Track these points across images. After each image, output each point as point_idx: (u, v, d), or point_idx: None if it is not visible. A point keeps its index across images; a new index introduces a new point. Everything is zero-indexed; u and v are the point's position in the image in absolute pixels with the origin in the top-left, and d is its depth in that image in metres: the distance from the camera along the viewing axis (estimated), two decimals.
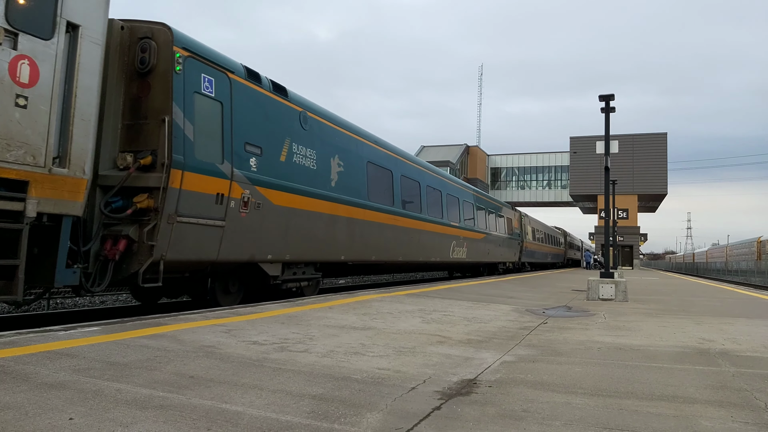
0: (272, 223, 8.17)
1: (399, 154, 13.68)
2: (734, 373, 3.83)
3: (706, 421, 2.68)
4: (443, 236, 16.30)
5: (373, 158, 11.99)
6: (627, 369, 3.88)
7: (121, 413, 2.50)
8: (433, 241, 15.48)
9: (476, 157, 62.74)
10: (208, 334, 4.65)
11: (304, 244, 9.11)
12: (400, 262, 13.54)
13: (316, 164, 9.55)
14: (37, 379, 3.01)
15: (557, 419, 2.66)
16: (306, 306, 7.12)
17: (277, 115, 8.56)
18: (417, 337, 5.05)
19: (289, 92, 9.05)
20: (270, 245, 8.22)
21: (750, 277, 37.90)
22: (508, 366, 3.90)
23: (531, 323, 6.44)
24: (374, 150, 12.18)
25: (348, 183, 10.59)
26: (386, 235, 12.25)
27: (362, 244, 11.07)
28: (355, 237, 10.73)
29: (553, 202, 67.25)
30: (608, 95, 12.02)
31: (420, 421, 2.56)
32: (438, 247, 15.90)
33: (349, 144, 10.95)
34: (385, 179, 12.49)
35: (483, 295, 10.31)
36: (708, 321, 7.01)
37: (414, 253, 14.10)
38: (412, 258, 14.01)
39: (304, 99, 9.62)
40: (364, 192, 11.26)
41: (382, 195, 12.17)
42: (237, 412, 2.60)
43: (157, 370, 3.34)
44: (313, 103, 9.95)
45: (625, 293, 10.14)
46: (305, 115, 9.39)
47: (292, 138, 8.87)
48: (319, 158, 9.64)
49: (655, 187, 52.38)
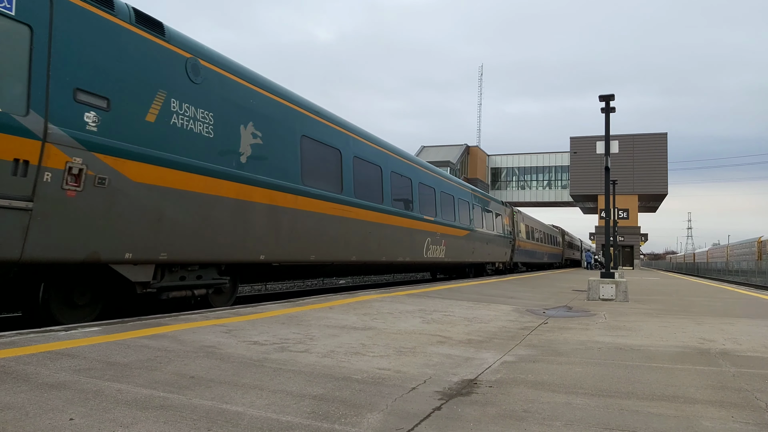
0: (132, 207, 6.06)
1: (351, 130, 11.37)
2: (735, 373, 3.82)
3: (707, 422, 2.68)
4: (414, 232, 13.96)
5: (312, 132, 9.69)
6: (627, 369, 3.88)
7: (121, 413, 2.51)
8: (401, 237, 13.16)
9: (476, 157, 62.76)
10: (209, 335, 4.65)
11: (196, 239, 6.91)
12: (354, 263, 11.21)
13: (214, 132, 7.31)
14: (37, 379, 3.01)
15: (558, 419, 2.66)
16: (306, 306, 7.12)
17: (143, 58, 6.37)
18: (417, 338, 5.05)
19: (168, 30, 6.82)
20: (129, 239, 6.06)
21: (750, 277, 37.88)
22: (508, 366, 3.90)
23: (531, 323, 6.44)
24: (313, 122, 9.80)
25: (270, 160, 8.45)
26: (331, 230, 10.01)
27: (294, 241, 8.91)
28: (282, 231, 8.61)
29: (554, 202, 67.27)
30: (608, 95, 12.02)
31: (420, 422, 2.56)
32: (407, 245, 13.61)
33: (274, 111, 8.70)
34: (329, 159, 10.24)
35: (483, 295, 10.31)
36: (708, 321, 7.00)
37: (374, 251, 11.78)
38: (370, 258, 11.71)
39: (196, 43, 7.31)
40: (296, 173, 9.04)
41: (324, 179, 9.93)
42: (237, 412, 2.60)
43: (158, 370, 3.34)
44: (213, 51, 7.63)
45: (625, 293, 10.14)
46: (196, 63, 7.10)
47: (170, 92, 6.68)
48: (219, 124, 7.41)
49: (655, 187, 52.37)
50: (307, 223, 9.30)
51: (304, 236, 9.25)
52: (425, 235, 14.82)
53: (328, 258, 10.05)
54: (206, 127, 7.22)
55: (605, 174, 12.05)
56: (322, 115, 10.27)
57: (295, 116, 9.33)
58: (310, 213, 9.38)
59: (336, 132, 10.64)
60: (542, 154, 65.55)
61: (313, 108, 10.02)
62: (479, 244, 20.19)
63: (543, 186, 65.85)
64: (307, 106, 9.80)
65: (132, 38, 6.28)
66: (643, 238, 53.65)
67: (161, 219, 6.48)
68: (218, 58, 7.62)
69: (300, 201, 9.11)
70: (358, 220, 11.09)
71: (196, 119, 7.08)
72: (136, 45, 6.33)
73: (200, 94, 7.17)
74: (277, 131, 8.75)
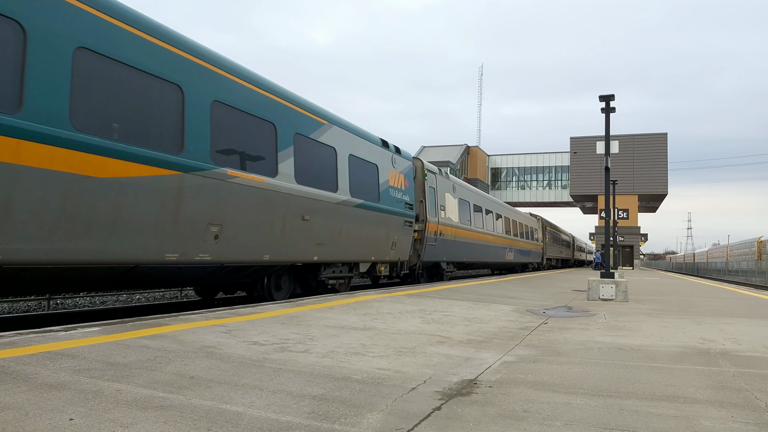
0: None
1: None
2: (735, 373, 3.82)
3: (707, 422, 2.68)
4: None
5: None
6: (627, 369, 3.88)
7: (121, 414, 2.50)
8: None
9: (476, 157, 62.77)
10: (209, 335, 4.65)
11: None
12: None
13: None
14: (37, 379, 3.01)
15: (558, 419, 2.66)
16: (306, 306, 7.12)
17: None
18: (417, 338, 5.04)
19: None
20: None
21: (750, 277, 37.89)
22: (508, 366, 3.90)
23: (531, 323, 6.44)
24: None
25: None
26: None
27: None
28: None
29: (554, 203, 67.30)
30: (608, 95, 12.01)
31: (420, 422, 2.56)
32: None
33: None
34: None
35: (483, 296, 10.31)
36: (708, 321, 7.00)
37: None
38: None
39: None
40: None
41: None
42: (237, 412, 2.60)
43: (158, 370, 3.34)
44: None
45: (625, 293, 10.14)
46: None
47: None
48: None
49: (655, 187, 52.38)
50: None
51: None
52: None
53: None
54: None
55: (605, 174, 12.04)
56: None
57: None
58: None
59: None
60: (542, 155, 65.56)
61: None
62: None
63: (543, 186, 65.85)
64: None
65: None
66: (643, 238, 53.65)
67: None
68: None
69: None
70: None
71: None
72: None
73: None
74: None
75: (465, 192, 18.52)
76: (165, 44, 6.79)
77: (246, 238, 7.87)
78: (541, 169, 65.63)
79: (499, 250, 23.27)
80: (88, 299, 12.38)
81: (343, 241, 10.31)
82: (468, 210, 18.62)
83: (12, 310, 10.70)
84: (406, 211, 12.98)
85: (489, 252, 21.44)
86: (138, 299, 13.40)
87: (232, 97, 7.74)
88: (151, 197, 6.33)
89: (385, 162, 12.29)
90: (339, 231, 10.13)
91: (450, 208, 16.53)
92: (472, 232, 18.89)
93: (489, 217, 21.59)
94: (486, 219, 21.08)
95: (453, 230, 16.66)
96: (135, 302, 12.82)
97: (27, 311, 10.72)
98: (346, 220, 10.33)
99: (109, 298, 12.95)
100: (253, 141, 8.17)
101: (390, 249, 12.35)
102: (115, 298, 13.15)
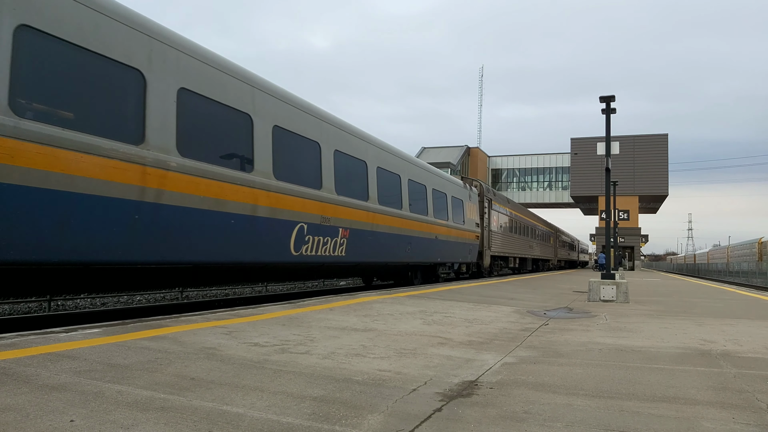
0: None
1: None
2: (736, 374, 3.82)
3: (708, 423, 2.67)
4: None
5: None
6: (628, 370, 3.88)
7: (122, 415, 2.51)
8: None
9: (477, 158, 62.80)
10: (209, 336, 4.65)
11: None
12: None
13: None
14: (38, 381, 3.02)
15: (559, 421, 2.66)
16: (307, 307, 7.12)
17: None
18: (418, 339, 5.04)
19: None
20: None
21: (751, 278, 37.84)
22: (509, 367, 3.90)
23: (532, 324, 6.44)
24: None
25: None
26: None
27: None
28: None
29: (554, 204, 67.32)
30: (609, 96, 12.02)
31: (421, 423, 2.56)
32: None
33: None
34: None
35: (484, 297, 10.30)
36: (709, 322, 6.99)
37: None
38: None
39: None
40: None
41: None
42: (238, 413, 2.60)
43: (158, 371, 3.34)
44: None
45: (626, 294, 10.13)
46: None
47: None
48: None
49: (655, 188, 52.40)
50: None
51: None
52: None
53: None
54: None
55: (606, 175, 12.05)
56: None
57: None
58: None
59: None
60: (543, 156, 65.58)
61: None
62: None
63: (543, 187, 65.87)
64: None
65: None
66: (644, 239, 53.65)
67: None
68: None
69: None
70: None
71: None
72: None
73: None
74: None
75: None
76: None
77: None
78: (542, 170, 65.65)
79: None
80: (88, 300, 12.37)
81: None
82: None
83: (13, 312, 10.70)
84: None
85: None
86: (139, 300, 13.41)
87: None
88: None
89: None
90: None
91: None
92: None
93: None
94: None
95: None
96: (135, 303, 12.82)
97: (28, 312, 10.72)
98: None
99: (109, 300, 12.95)
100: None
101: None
102: (115, 299, 13.15)
